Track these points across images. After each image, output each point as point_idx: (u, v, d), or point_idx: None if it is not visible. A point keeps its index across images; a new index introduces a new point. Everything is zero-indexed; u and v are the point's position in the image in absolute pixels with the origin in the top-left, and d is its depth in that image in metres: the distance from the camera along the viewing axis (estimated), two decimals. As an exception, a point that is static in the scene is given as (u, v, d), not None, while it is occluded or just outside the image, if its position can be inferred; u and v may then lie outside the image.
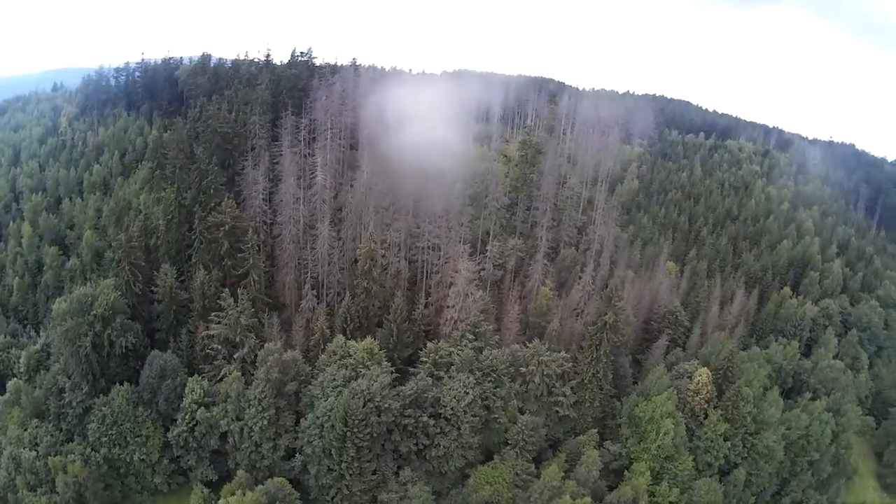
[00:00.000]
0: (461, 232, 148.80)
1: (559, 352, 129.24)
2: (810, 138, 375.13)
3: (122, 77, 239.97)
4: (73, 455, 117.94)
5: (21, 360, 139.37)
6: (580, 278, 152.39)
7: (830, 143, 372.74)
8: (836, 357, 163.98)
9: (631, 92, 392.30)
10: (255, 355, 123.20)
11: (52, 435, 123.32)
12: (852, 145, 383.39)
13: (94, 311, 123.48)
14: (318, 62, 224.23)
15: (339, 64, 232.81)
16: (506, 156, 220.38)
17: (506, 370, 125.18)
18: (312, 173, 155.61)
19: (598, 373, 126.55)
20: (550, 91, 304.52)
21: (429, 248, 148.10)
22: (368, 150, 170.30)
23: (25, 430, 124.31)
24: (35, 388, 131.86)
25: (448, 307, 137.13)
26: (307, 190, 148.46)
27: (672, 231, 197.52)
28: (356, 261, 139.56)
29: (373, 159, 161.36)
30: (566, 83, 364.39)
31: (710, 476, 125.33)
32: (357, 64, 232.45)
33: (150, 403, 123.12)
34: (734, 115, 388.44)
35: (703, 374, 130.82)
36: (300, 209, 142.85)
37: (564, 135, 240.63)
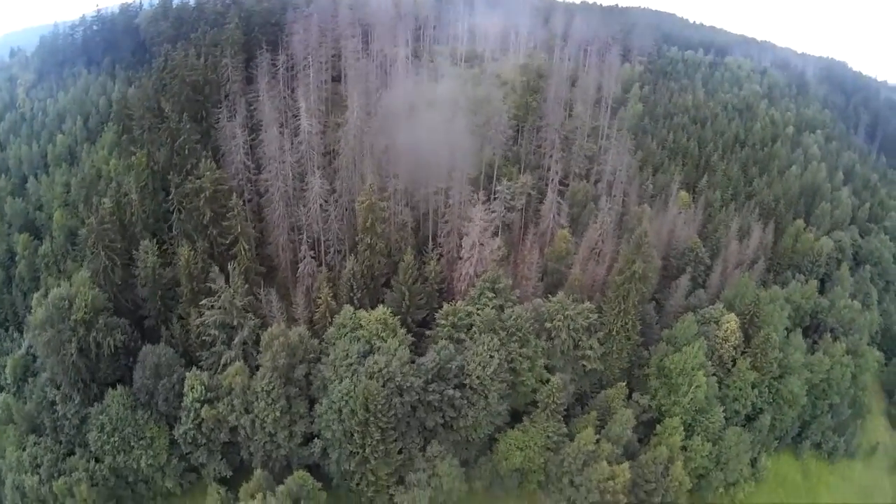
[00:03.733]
0: (468, 171, 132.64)
1: (583, 301, 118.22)
2: (799, 52, 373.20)
3: (79, 32, 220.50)
4: (77, 472, 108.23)
5: (6, 370, 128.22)
6: (596, 215, 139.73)
7: (821, 60, 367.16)
8: (851, 296, 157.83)
9: (618, 6, 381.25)
10: (257, 336, 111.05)
11: (52, 451, 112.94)
12: (844, 64, 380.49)
13: (74, 316, 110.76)
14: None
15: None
16: (500, 77, 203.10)
17: (530, 327, 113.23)
18: (296, 118, 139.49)
19: (627, 324, 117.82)
20: (533, 5, 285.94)
21: (434, 193, 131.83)
22: (354, 85, 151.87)
23: (24, 449, 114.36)
24: (25, 400, 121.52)
25: (462, 260, 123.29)
26: (293, 138, 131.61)
27: (682, 157, 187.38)
28: (355, 214, 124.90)
29: (359, 94, 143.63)
30: None
31: (737, 424, 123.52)
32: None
33: (149, 405, 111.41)
34: (724, 29, 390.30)
35: (732, 321, 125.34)
36: (287, 161, 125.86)
37: (562, 57, 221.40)
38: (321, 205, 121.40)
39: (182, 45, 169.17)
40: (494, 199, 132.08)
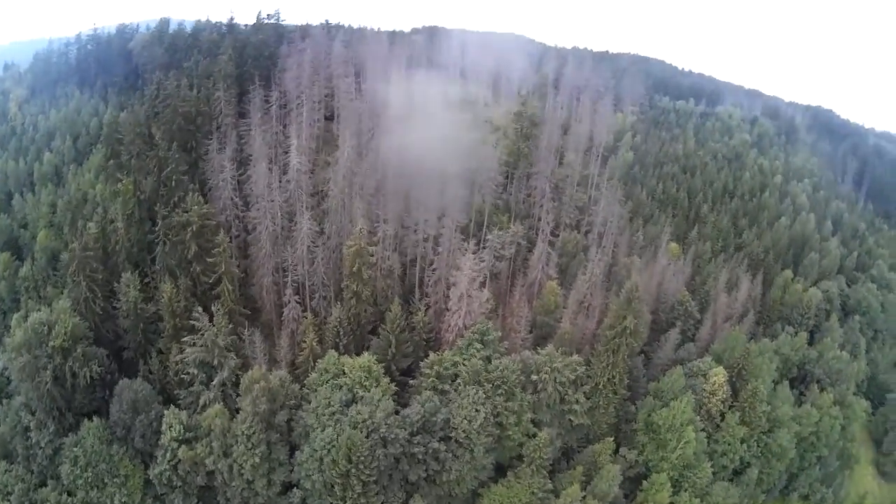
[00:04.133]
0: (457, 218, 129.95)
1: (571, 354, 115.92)
2: (787, 100, 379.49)
3: (74, 51, 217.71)
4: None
5: None
6: (585, 266, 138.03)
7: (809, 108, 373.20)
8: (840, 346, 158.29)
9: (609, 52, 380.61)
10: (237, 377, 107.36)
11: (23, 480, 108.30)
12: (831, 111, 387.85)
13: (52, 343, 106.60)
14: (286, 24, 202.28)
15: (308, 24, 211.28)
16: (491, 122, 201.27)
17: (516, 380, 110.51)
18: (286, 154, 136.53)
19: (615, 378, 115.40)
20: (525, 49, 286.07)
21: (423, 239, 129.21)
22: (346, 125, 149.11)
23: None
24: None
25: (450, 311, 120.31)
26: (282, 175, 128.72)
27: (672, 208, 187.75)
28: (342, 257, 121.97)
29: (351, 135, 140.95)
30: (537, 40, 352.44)
31: (724, 478, 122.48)
32: (329, 24, 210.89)
33: (125, 440, 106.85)
34: (713, 77, 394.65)
35: (720, 375, 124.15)
36: (276, 200, 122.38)
37: (554, 105, 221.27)
38: (308, 246, 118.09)
39: (175, 74, 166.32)
40: (484, 248, 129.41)
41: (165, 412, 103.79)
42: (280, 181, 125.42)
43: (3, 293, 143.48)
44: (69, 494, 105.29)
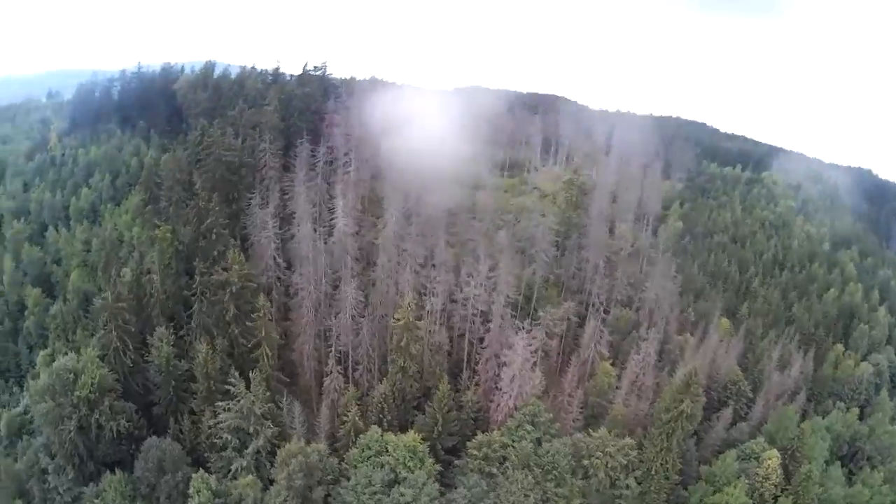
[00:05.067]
0: (508, 292, 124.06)
1: (623, 437, 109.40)
2: (828, 162, 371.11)
3: (117, 87, 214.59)
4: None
5: (1, 424, 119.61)
6: (638, 346, 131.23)
7: (850, 170, 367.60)
8: (891, 420, 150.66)
9: (653, 115, 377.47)
10: (272, 445, 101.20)
11: None
12: (870, 171, 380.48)
13: (78, 393, 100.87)
14: (332, 76, 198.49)
15: (353, 78, 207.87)
16: (539, 189, 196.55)
17: (567, 464, 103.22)
18: (331, 212, 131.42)
19: (667, 462, 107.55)
20: (569, 111, 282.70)
21: (473, 314, 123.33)
22: (392, 188, 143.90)
23: None
24: (15, 460, 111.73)
25: (500, 390, 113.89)
26: (327, 237, 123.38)
27: (722, 281, 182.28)
28: (387, 328, 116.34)
29: (398, 198, 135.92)
30: (579, 102, 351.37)
31: None
32: (377, 80, 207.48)
33: (149, 498, 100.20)
34: (755, 139, 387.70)
35: (773, 458, 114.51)
36: (321, 264, 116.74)
37: (604, 171, 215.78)
38: (353, 316, 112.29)
39: (220, 121, 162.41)
40: (536, 325, 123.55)
41: (194, 475, 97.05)
42: (325, 243, 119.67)
43: (32, 329, 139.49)
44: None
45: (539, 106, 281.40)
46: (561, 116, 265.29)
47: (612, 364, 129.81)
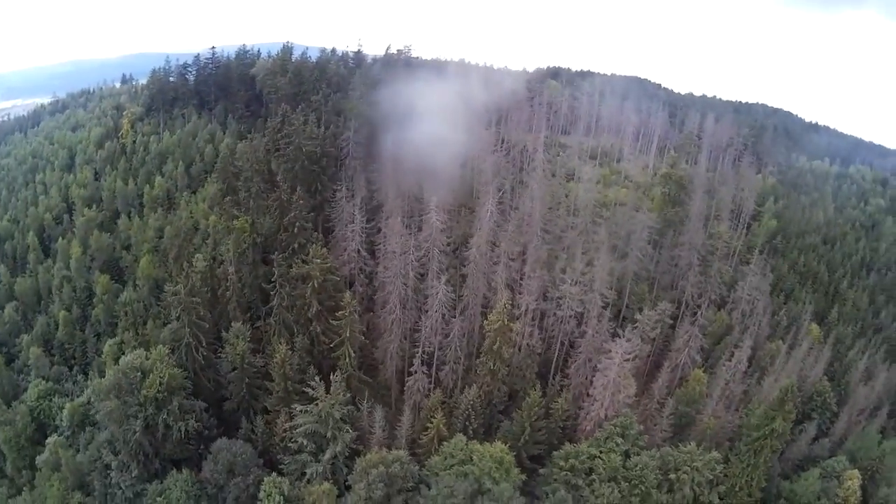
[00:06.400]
0: (604, 291, 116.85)
1: (710, 450, 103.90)
2: None
3: (192, 72, 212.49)
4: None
5: (64, 414, 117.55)
6: (731, 353, 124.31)
7: None
8: None
9: (741, 102, 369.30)
10: (350, 451, 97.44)
11: None
12: None
13: (145, 391, 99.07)
14: (416, 58, 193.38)
15: (438, 59, 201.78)
16: (630, 180, 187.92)
17: (654, 478, 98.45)
18: (418, 202, 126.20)
19: (752, 479, 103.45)
20: (654, 95, 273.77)
21: (569, 315, 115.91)
22: (487, 180, 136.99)
23: None
24: (78, 450, 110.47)
25: (591, 397, 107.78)
26: (416, 232, 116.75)
27: (812, 283, 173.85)
28: (478, 329, 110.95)
29: (493, 190, 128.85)
30: (663, 84, 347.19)
31: None
32: (464, 62, 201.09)
33: (216, 498, 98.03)
34: (837, 129, 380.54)
35: (854, 479, 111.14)
36: (410, 261, 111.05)
37: (696, 163, 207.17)
38: (443, 315, 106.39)
39: (302, 108, 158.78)
40: (634, 328, 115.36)
41: (266, 479, 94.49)
42: (414, 241, 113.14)
43: (100, 316, 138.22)
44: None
45: (623, 88, 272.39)
46: (648, 100, 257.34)
47: (703, 369, 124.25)
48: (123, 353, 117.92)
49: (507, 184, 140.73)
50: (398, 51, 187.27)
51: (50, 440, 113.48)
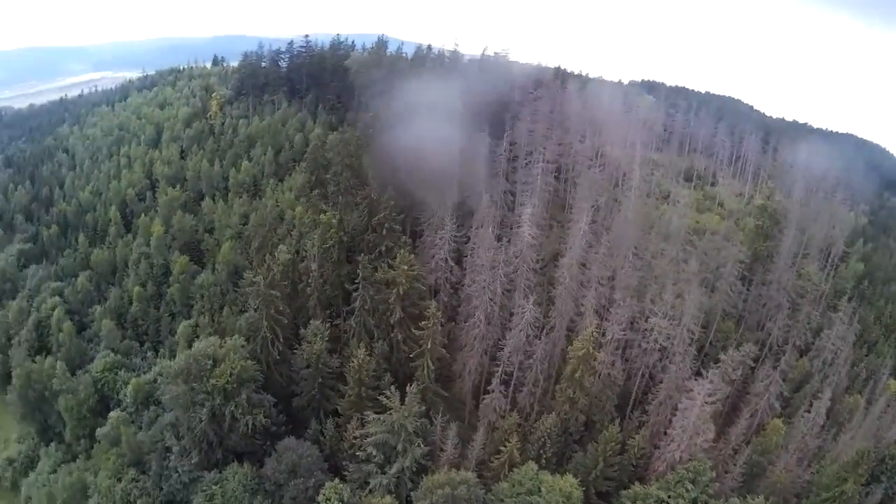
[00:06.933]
0: (691, 327, 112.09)
1: None
2: None
3: (285, 58, 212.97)
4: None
5: (128, 389, 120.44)
6: (811, 403, 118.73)
7: None
8: None
9: (831, 131, 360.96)
10: (417, 466, 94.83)
11: (149, 496, 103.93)
12: None
13: (214, 381, 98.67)
14: (515, 62, 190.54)
15: (538, 65, 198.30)
16: (723, 207, 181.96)
17: None
18: (512, 216, 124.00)
19: None
20: (747, 116, 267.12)
21: (655, 348, 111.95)
22: (581, 196, 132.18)
23: (119, 480, 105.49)
24: (140, 428, 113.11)
25: (668, 438, 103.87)
26: (506, 244, 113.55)
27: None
28: (561, 353, 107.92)
29: (588, 208, 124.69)
30: (755, 107, 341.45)
31: None
32: (561, 70, 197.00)
33: (273, 496, 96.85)
34: None
35: None
36: (498, 277, 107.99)
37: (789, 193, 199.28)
38: (528, 336, 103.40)
39: (395, 104, 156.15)
40: (716, 367, 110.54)
41: (327, 484, 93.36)
42: (505, 252, 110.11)
43: (176, 296, 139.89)
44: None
45: (717, 107, 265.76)
46: (740, 122, 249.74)
47: (781, 418, 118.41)
48: (197, 337, 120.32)
49: (602, 201, 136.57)
50: (495, 53, 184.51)
51: (113, 414, 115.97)
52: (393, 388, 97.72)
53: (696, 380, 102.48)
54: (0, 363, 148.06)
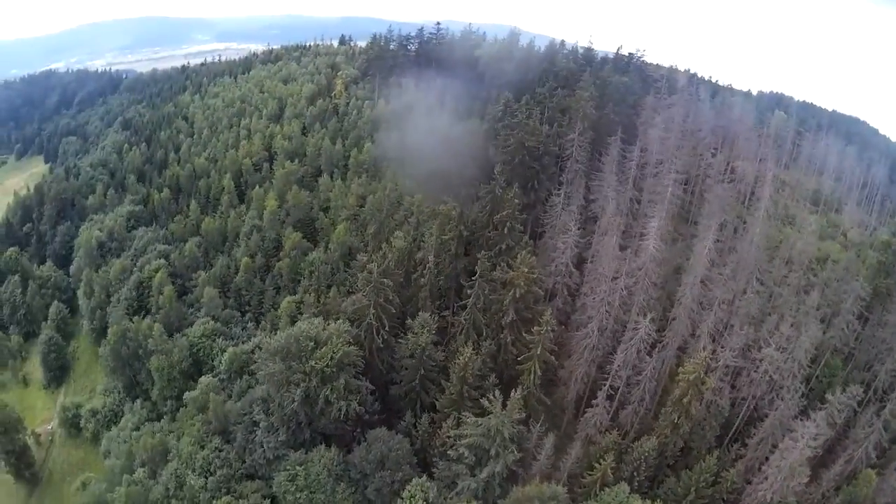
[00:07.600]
0: (804, 362, 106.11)
1: None
2: None
3: (415, 44, 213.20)
4: (246, 502, 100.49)
5: (224, 357, 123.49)
6: None
7: None
8: None
9: None
10: (508, 472, 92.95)
11: (230, 466, 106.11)
12: None
13: (313, 363, 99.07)
14: (650, 64, 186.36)
15: (674, 68, 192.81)
16: (846, 237, 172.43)
17: None
18: (637, 225, 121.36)
19: None
20: (870, 140, 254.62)
21: (763, 380, 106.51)
22: (710, 214, 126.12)
23: (202, 447, 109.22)
24: (230, 396, 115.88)
25: (762, 475, 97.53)
26: (630, 256, 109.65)
27: None
28: (669, 374, 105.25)
29: (716, 226, 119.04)
30: (880, 131, 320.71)
31: None
32: (695, 76, 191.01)
33: (356, 483, 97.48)
34: None
35: None
36: (619, 289, 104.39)
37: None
38: (638, 351, 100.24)
39: (526, 99, 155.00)
40: (822, 410, 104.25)
41: (414, 480, 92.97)
42: (627, 267, 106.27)
43: (284, 270, 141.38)
44: (273, 501, 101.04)
45: (846, 129, 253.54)
46: (868, 146, 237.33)
47: (875, 469, 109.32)
48: (301, 313, 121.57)
49: (730, 220, 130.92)
50: (630, 53, 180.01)
51: (203, 380, 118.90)
52: (497, 390, 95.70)
53: (801, 420, 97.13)
54: (98, 318, 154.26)
